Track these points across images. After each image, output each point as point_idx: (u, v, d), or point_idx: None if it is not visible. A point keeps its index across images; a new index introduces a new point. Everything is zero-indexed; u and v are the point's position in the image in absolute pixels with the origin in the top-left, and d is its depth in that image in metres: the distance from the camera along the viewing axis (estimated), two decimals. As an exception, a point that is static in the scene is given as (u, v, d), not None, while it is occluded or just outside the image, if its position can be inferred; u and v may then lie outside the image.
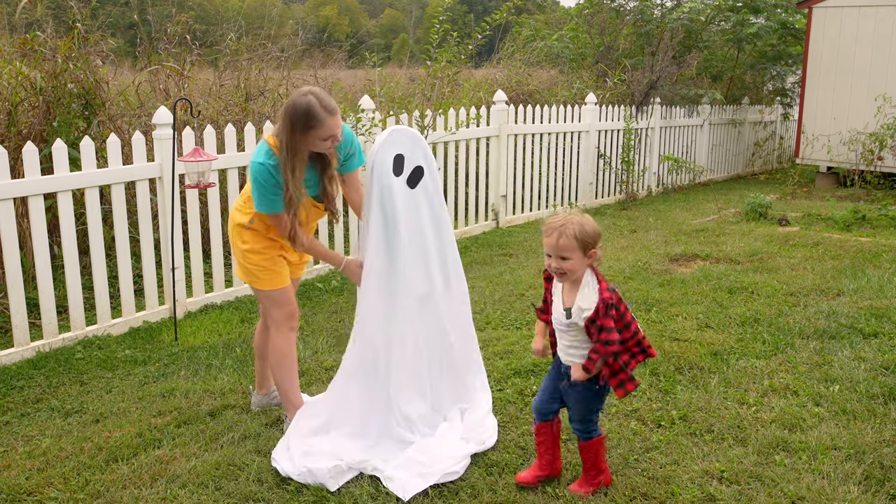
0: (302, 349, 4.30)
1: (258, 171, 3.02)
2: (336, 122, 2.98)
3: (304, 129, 2.94)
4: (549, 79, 11.09)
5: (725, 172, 12.01)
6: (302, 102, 2.93)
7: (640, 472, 2.97)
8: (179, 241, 4.94)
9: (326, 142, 3.01)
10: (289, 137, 2.96)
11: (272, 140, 3.06)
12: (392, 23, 56.24)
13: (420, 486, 2.85)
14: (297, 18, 12.12)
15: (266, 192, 3.03)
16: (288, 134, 2.96)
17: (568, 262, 2.61)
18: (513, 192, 8.11)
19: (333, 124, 2.97)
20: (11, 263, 4.17)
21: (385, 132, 3.17)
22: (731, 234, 7.17)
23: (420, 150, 3.22)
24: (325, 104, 2.94)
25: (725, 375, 3.85)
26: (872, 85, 10.30)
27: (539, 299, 3.40)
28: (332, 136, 3.01)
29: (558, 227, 2.60)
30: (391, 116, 6.38)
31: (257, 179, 3.02)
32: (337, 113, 2.98)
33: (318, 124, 2.94)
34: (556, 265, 2.63)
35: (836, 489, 2.81)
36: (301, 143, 2.98)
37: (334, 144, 3.06)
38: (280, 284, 3.26)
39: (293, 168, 3.00)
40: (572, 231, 2.59)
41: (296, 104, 2.94)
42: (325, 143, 3.01)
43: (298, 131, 2.95)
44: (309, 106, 2.92)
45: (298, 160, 3.01)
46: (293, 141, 2.97)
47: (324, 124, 2.95)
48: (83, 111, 5.71)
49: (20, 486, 2.92)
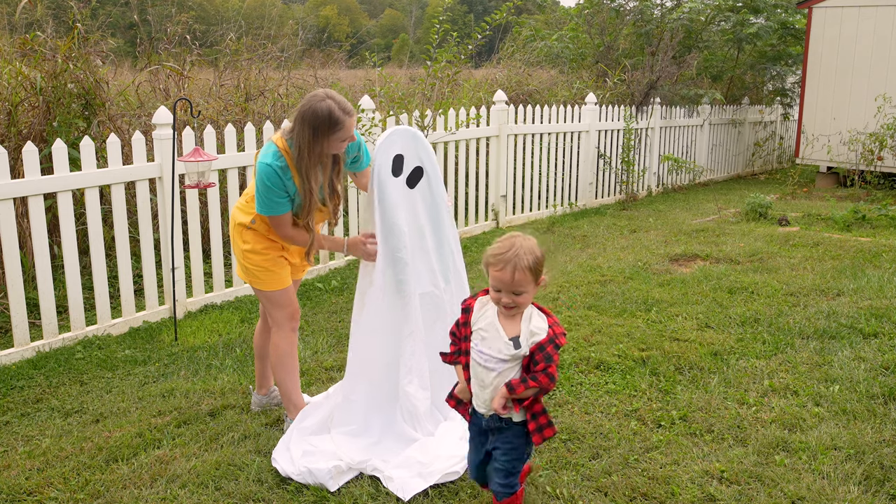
0: (302, 349, 4.30)
1: (266, 173, 3.01)
2: (353, 123, 3.03)
3: (327, 133, 2.97)
4: (549, 79, 11.09)
5: (725, 172, 12.01)
6: (323, 108, 2.94)
7: (640, 472, 2.97)
8: (179, 241, 4.94)
9: (344, 143, 3.05)
10: (310, 143, 2.97)
11: (280, 142, 3.06)
12: (392, 23, 56.24)
13: (420, 486, 2.85)
14: (297, 18, 12.12)
15: (271, 195, 3.03)
16: (309, 140, 2.97)
17: (522, 296, 2.32)
18: (513, 192, 8.11)
19: (352, 125, 3.03)
20: (11, 263, 4.17)
21: (385, 133, 3.18)
22: (731, 234, 7.17)
23: (421, 150, 3.23)
24: (343, 107, 2.98)
25: (725, 375, 3.85)
26: (872, 85, 10.30)
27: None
28: (350, 137, 3.05)
29: (511, 260, 2.27)
30: (391, 116, 6.38)
31: (263, 181, 3.02)
32: (353, 114, 3.03)
33: (340, 128, 2.97)
34: (508, 300, 2.32)
35: (836, 489, 2.81)
36: (325, 147, 3.01)
37: (347, 144, 3.09)
38: (280, 285, 3.26)
39: (316, 174, 3.03)
40: (527, 263, 2.28)
41: (316, 110, 2.94)
42: (343, 143, 3.06)
43: (321, 135, 2.96)
44: (330, 110, 2.94)
45: (321, 164, 3.05)
46: (317, 146, 2.98)
47: (344, 126, 2.99)
48: (83, 111, 5.71)
49: (20, 486, 2.92)
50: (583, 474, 2.96)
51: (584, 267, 6.03)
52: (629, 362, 4.01)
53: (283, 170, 3.02)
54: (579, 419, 3.40)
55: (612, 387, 3.73)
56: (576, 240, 7.23)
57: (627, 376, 3.85)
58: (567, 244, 7.03)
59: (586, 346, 4.23)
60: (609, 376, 3.86)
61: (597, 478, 2.93)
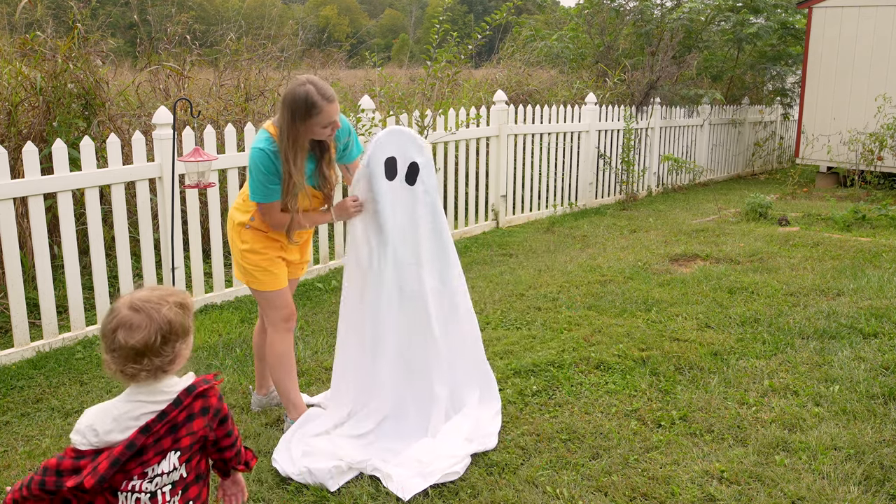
0: (302, 349, 4.30)
1: (258, 157, 3.02)
2: (334, 109, 3.00)
3: (305, 117, 2.95)
4: (549, 79, 11.09)
5: (725, 172, 12.00)
6: (301, 92, 2.94)
7: (640, 472, 2.97)
8: (179, 241, 4.94)
9: (326, 129, 3.03)
10: (289, 126, 2.97)
11: (272, 128, 3.07)
12: (392, 23, 56.24)
13: (420, 486, 2.85)
14: (297, 18, 12.12)
15: (264, 180, 3.03)
16: (288, 123, 2.97)
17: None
18: (513, 192, 8.11)
19: (332, 111, 2.99)
20: (11, 263, 4.17)
21: (373, 138, 3.17)
22: (731, 234, 7.17)
23: (411, 145, 3.21)
24: (322, 92, 2.96)
25: (725, 375, 3.85)
26: (872, 85, 10.30)
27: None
28: (331, 124, 3.03)
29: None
30: (391, 116, 6.38)
31: (256, 165, 3.03)
32: (335, 100, 3.01)
33: (317, 112, 2.96)
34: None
35: (836, 489, 2.81)
36: (302, 132, 2.99)
37: (334, 131, 3.07)
38: (277, 286, 3.26)
39: (294, 157, 3.00)
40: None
41: (295, 93, 2.95)
42: (325, 130, 3.03)
43: (299, 120, 2.96)
44: (308, 94, 2.94)
45: (299, 148, 3.02)
46: (294, 130, 2.97)
47: (323, 112, 2.96)
48: (83, 111, 5.71)
49: (20, 486, 2.92)
50: (583, 474, 2.96)
51: (584, 267, 6.03)
52: (629, 362, 4.01)
53: (275, 154, 3.02)
54: (579, 419, 3.40)
55: (612, 387, 3.73)
56: (576, 240, 7.23)
57: (627, 376, 3.85)
58: (567, 244, 7.03)
59: (586, 346, 4.23)
60: (609, 376, 3.86)
61: (597, 478, 2.93)
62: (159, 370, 1.79)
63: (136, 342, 1.74)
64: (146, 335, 1.74)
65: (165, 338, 1.77)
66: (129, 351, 1.74)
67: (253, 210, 3.19)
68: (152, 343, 1.75)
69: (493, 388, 3.44)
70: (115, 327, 1.76)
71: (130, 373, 1.77)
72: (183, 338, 1.82)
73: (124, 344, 1.74)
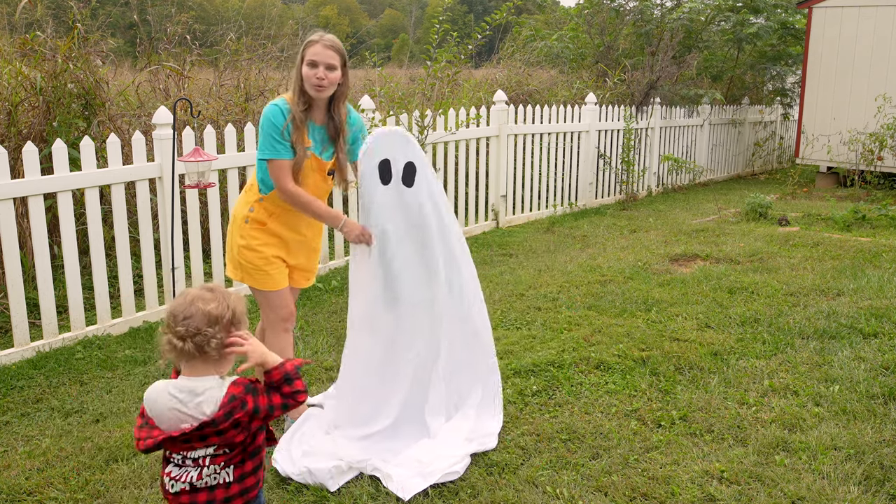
0: (302, 349, 4.30)
1: (270, 111, 3.13)
2: (326, 54, 3.09)
3: (302, 50, 3.12)
4: (549, 79, 11.09)
5: (725, 172, 12.01)
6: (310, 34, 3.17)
7: (640, 472, 2.97)
8: (179, 241, 4.94)
9: (315, 70, 3.08)
10: (297, 70, 3.12)
11: (289, 96, 3.19)
12: (392, 23, 56.23)
13: (420, 486, 2.85)
14: (297, 18, 12.11)
15: (272, 131, 3.09)
16: (297, 65, 3.13)
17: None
18: (513, 192, 8.11)
19: (322, 52, 3.09)
20: (11, 263, 4.17)
21: (364, 143, 3.16)
22: (731, 234, 7.17)
23: (404, 147, 3.18)
24: (324, 36, 3.15)
25: (725, 375, 3.85)
26: (872, 85, 10.30)
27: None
28: (319, 65, 3.08)
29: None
30: (391, 116, 6.38)
31: (267, 118, 3.12)
32: (332, 49, 3.11)
33: (310, 45, 3.10)
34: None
35: (836, 489, 2.81)
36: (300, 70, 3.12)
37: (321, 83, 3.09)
38: (272, 287, 3.25)
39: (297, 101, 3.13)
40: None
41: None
42: (313, 71, 3.08)
43: (299, 58, 3.13)
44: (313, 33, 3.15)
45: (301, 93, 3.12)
46: (298, 70, 3.12)
47: (313, 46, 3.09)
48: (83, 111, 5.71)
49: (20, 486, 2.92)
50: (583, 474, 2.96)
51: (584, 267, 6.03)
52: (629, 362, 4.01)
53: (286, 112, 3.12)
54: (579, 419, 3.40)
55: (612, 387, 3.73)
56: (576, 240, 7.23)
57: (627, 376, 3.85)
58: (567, 244, 7.03)
59: (586, 346, 4.23)
60: (609, 376, 3.86)
61: (597, 478, 2.93)
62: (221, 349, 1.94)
63: (212, 308, 1.93)
64: (221, 307, 1.95)
65: (235, 316, 1.97)
66: (205, 317, 1.91)
67: (254, 201, 3.19)
68: (223, 314, 1.94)
69: (497, 388, 3.44)
70: (192, 300, 1.94)
71: (200, 342, 1.90)
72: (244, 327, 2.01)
73: (202, 308, 1.92)
